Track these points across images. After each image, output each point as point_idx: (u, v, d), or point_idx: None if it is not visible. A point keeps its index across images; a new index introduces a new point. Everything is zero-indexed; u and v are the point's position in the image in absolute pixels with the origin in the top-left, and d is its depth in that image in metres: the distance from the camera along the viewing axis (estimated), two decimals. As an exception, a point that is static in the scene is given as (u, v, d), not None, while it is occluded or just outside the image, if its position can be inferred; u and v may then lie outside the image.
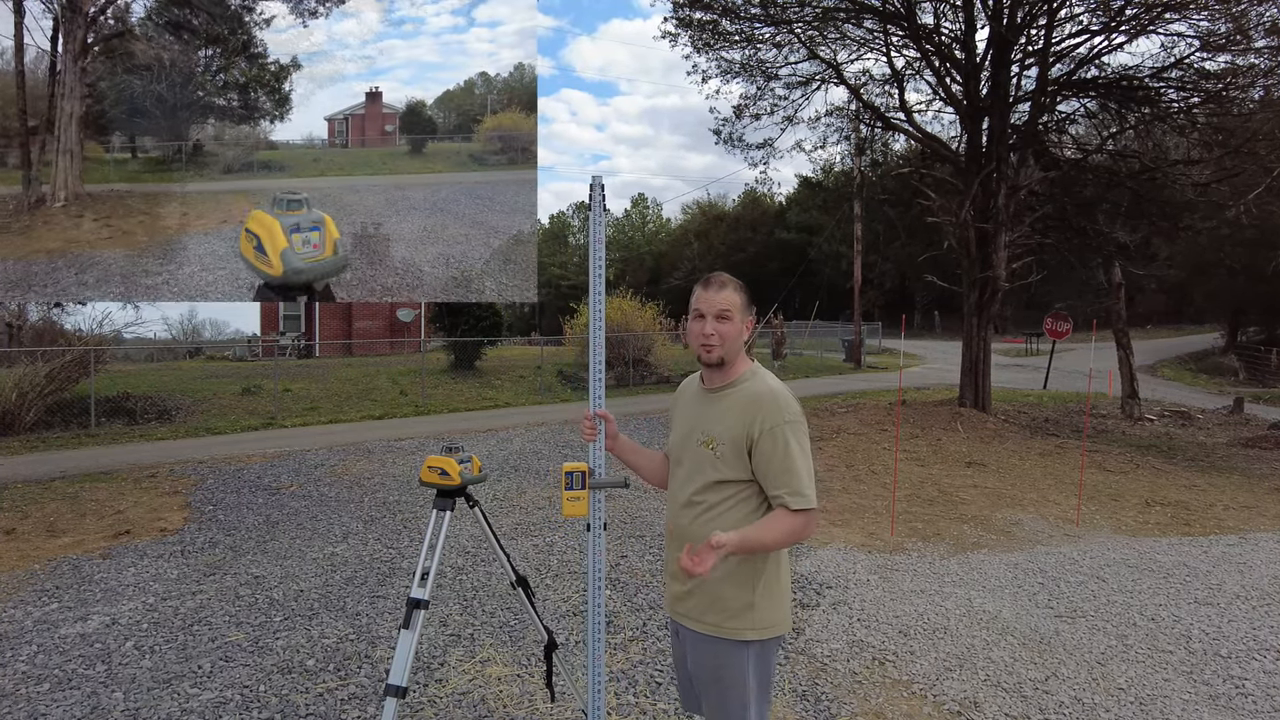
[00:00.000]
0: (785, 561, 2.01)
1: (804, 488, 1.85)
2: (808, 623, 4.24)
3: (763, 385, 1.94)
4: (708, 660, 1.93)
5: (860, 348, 25.98)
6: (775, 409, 1.88)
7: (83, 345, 13.48)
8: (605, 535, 2.20)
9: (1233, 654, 3.94)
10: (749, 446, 1.88)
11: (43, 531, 6.18)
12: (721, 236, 58.59)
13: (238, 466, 8.74)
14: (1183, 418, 14.21)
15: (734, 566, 1.89)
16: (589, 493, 2.11)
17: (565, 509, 2.07)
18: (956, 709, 3.31)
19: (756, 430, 1.87)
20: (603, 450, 2.16)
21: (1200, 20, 10.79)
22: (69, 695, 3.38)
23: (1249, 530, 6.57)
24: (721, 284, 1.97)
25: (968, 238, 12.48)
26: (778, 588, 1.95)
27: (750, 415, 1.89)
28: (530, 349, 27.23)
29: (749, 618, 1.89)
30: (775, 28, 12.99)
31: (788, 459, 1.85)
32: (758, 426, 1.87)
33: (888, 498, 7.23)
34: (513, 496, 7.28)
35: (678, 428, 2.10)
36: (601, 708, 2.16)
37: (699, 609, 1.93)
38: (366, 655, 3.80)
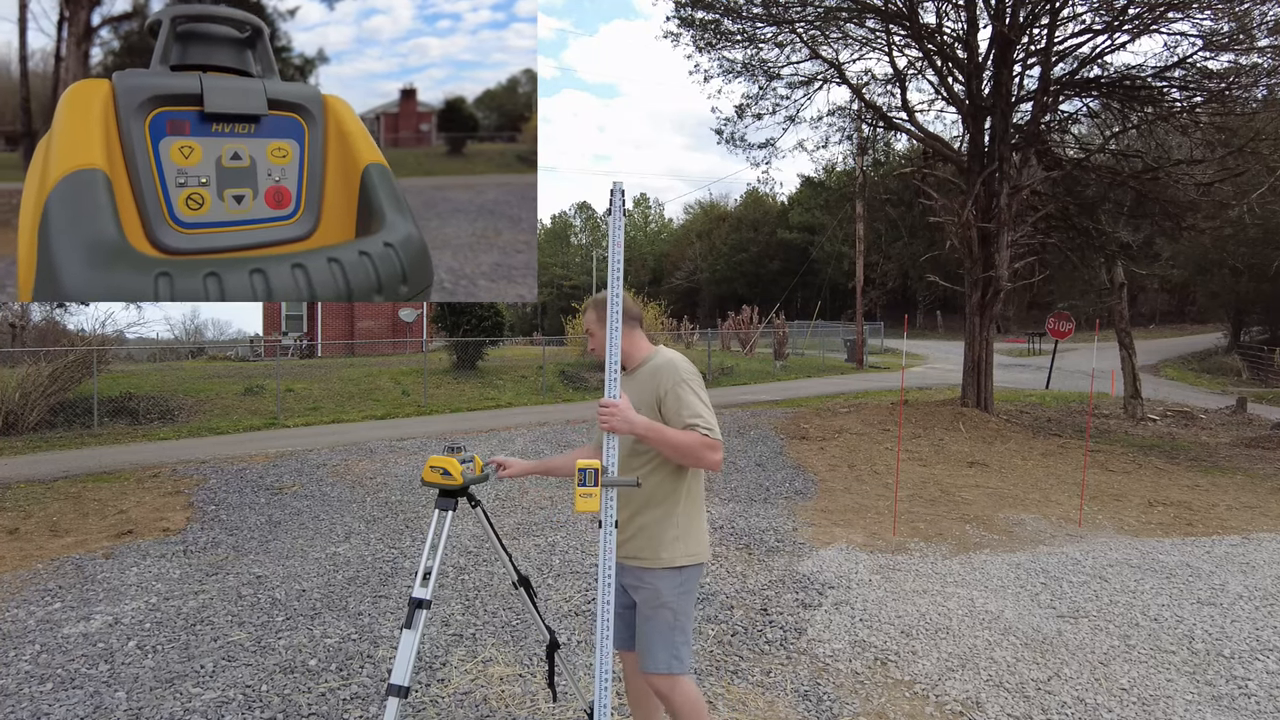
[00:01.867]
0: (700, 502, 2.50)
1: (706, 419, 2.30)
2: (810, 623, 4.24)
3: (661, 359, 2.44)
4: (647, 586, 2.38)
5: (862, 348, 25.95)
6: (672, 372, 2.38)
7: (85, 345, 13.51)
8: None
9: (1236, 654, 3.93)
10: (659, 405, 2.35)
11: (46, 531, 6.20)
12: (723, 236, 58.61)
13: (240, 466, 8.75)
14: (1185, 418, 14.19)
15: (663, 512, 2.38)
16: (601, 490, 2.13)
17: (577, 505, 2.12)
18: (959, 709, 3.30)
19: (661, 391, 2.36)
20: (615, 449, 2.22)
21: (1203, 19, 10.77)
22: (72, 695, 3.39)
23: (1252, 530, 6.55)
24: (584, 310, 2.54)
25: (970, 237, 12.46)
26: (696, 524, 2.45)
27: (655, 382, 2.38)
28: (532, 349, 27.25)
29: (678, 548, 2.39)
30: (777, 27, 12.98)
31: (685, 403, 2.32)
32: (662, 389, 2.36)
33: (890, 498, 7.22)
34: (515, 496, 7.28)
35: None
36: (608, 705, 2.17)
37: (639, 547, 2.38)
38: (369, 655, 3.80)
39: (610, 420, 2.15)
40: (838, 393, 17.17)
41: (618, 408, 2.17)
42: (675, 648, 2.38)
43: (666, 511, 2.39)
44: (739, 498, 7.37)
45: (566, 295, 50.38)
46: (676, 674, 2.38)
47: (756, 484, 7.96)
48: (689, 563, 2.41)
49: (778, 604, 4.52)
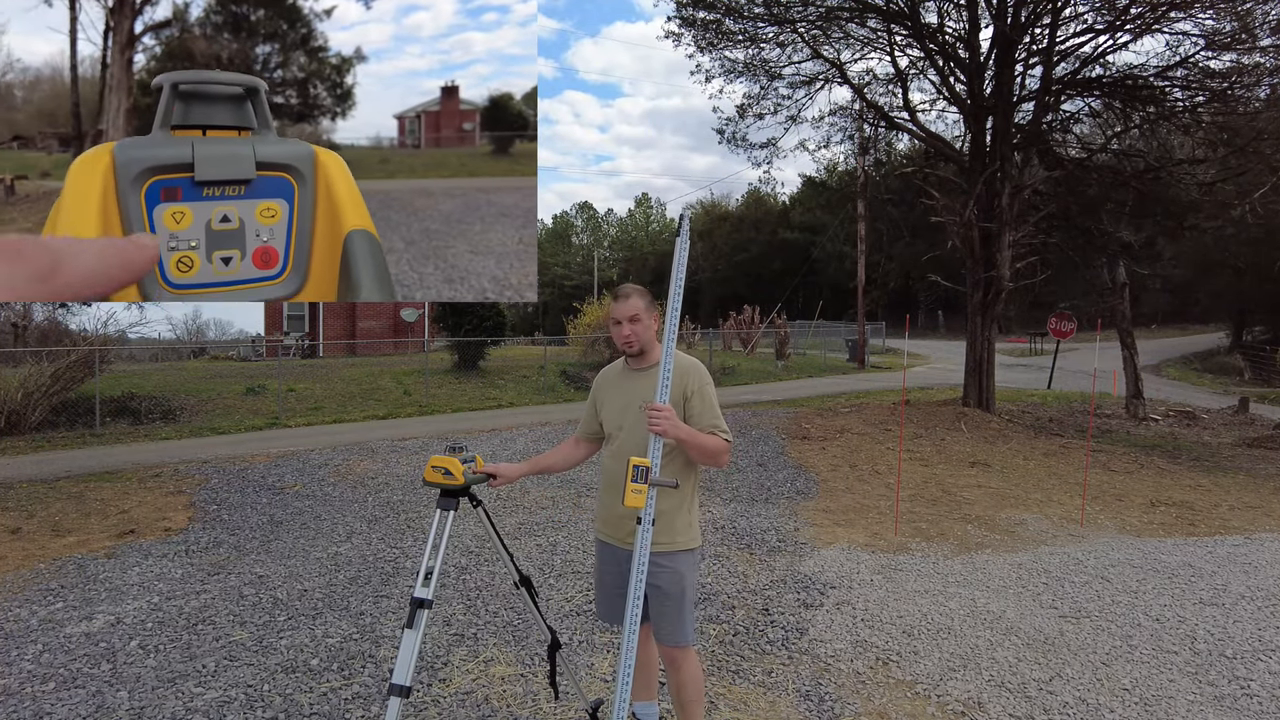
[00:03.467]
0: (696, 491, 2.73)
1: (724, 425, 2.59)
2: (811, 623, 4.24)
3: (683, 360, 2.60)
4: (669, 569, 2.57)
5: (864, 348, 25.92)
6: (698, 375, 2.61)
7: (88, 345, 13.52)
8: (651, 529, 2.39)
9: (1238, 655, 3.92)
10: (684, 403, 2.56)
11: (48, 531, 6.21)
12: (725, 236, 58.57)
13: (242, 466, 8.76)
14: (1187, 418, 14.17)
15: (677, 501, 2.59)
16: (648, 487, 2.26)
17: (628, 499, 2.26)
18: (960, 709, 3.30)
19: (689, 391, 2.57)
20: (660, 451, 2.36)
21: (1205, 19, 10.75)
22: (74, 694, 3.39)
23: (1254, 531, 6.54)
24: (627, 295, 2.65)
25: (972, 237, 12.45)
26: (695, 512, 2.70)
27: (680, 382, 2.55)
28: (534, 349, 27.25)
29: (691, 533, 2.65)
30: (779, 27, 12.98)
31: (710, 407, 2.58)
32: (689, 389, 2.57)
33: (891, 498, 7.21)
34: (516, 496, 7.28)
35: (612, 403, 2.73)
36: (626, 698, 2.21)
37: (657, 533, 2.47)
38: (370, 655, 3.80)
39: (660, 424, 2.33)
40: (839, 393, 17.16)
41: (669, 413, 2.36)
42: (691, 621, 2.67)
43: (680, 500, 2.62)
44: (740, 498, 7.37)
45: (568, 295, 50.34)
46: (691, 645, 2.67)
47: (758, 484, 7.95)
48: (697, 545, 2.68)
49: (779, 604, 4.51)
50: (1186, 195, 12.12)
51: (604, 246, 73.46)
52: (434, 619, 4.18)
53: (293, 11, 2.76)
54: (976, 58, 12.60)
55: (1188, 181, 12.07)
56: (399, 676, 2.20)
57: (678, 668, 2.67)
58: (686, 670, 2.67)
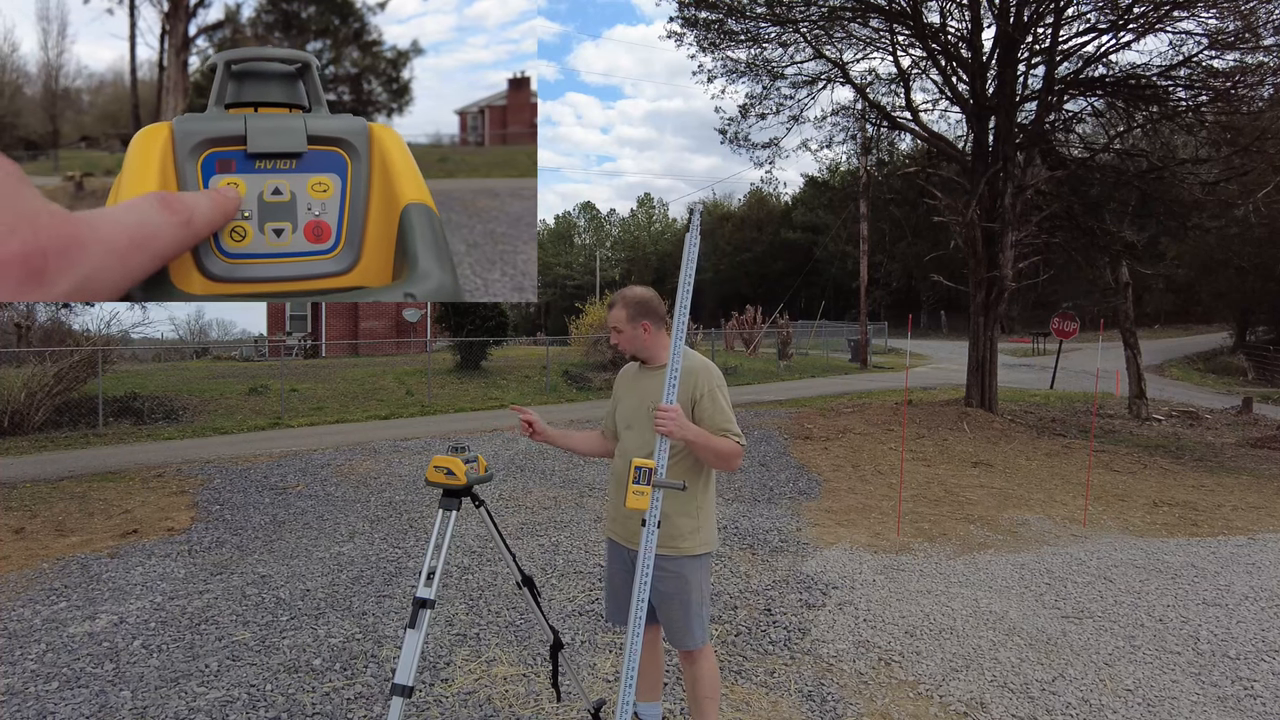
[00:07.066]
0: (713, 494, 2.70)
1: (737, 428, 2.56)
2: (813, 623, 4.23)
3: (694, 361, 2.59)
4: (672, 574, 2.56)
5: (866, 348, 25.89)
6: (708, 376, 2.57)
7: (90, 345, 13.55)
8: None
9: (1241, 655, 3.92)
10: (692, 405, 2.53)
11: (51, 531, 6.22)
12: (727, 236, 58.56)
13: (244, 466, 8.78)
14: (1190, 418, 14.14)
15: (683, 502, 2.55)
16: (652, 489, 2.25)
17: (629, 501, 2.24)
18: (963, 709, 3.30)
19: (698, 394, 2.54)
20: (666, 452, 2.34)
21: (1209, 18, 10.73)
22: (77, 694, 3.40)
23: (1258, 531, 6.53)
24: (611, 304, 2.69)
25: (974, 237, 12.43)
26: (710, 516, 2.66)
27: (690, 383, 2.53)
28: (536, 349, 27.27)
29: (697, 538, 2.60)
30: (781, 27, 12.97)
31: (721, 410, 2.56)
32: (698, 390, 2.54)
33: (893, 498, 7.21)
34: (518, 496, 7.29)
35: (626, 400, 2.74)
36: (630, 699, 2.22)
37: (661, 536, 2.42)
38: (373, 655, 3.81)
39: (667, 425, 2.30)
40: (842, 393, 17.15)
41: (677, 413, 2.33)
42: (703, 622, 2.66)
43: (685, 503, 2.58)
44: (743, 498, 7.36)
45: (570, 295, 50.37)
46: (700, 647, 2.67)
47: (760, 484, 7.95)
48: (705, 550, 2.64)
49: (781, 604, 4.51)
50: (1190, 195, 12.09)
51: (606, 246, 73.45)
52: (436, 619, 4.19)
53: (345, 7, 2.75)
54: (979, 57, 12.59)
55: (1191, 181, 12.04)
56: (401, 676, 2.20)
57: (690, 663, 2.70)
58: (700, 666, 2.68)
